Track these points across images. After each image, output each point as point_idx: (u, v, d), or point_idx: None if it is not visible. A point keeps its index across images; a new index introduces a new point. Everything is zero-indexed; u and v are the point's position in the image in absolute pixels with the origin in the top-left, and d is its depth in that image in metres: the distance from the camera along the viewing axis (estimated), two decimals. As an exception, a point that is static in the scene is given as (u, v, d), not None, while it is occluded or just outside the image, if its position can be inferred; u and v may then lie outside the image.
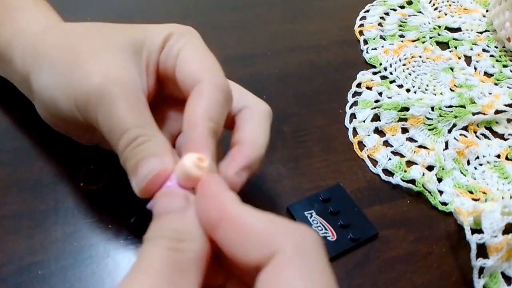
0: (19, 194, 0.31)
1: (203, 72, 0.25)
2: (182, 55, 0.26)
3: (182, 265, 0.18)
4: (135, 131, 0.23)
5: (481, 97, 0.43)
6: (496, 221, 0.29)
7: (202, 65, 0.26)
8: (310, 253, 0.17)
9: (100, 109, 0.24)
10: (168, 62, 0.26)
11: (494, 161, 0.38)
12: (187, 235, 0.19)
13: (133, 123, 0.23)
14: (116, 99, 0.23)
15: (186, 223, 0.20)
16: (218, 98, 0.24)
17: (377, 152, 0.37)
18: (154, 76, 0.27)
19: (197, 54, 0.26)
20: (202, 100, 0.24)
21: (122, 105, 0.23)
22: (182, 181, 0.22)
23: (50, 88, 0.26)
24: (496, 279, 0.30)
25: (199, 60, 0.26)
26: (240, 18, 0.49)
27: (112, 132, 0.23)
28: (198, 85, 0.24)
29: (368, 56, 0.46)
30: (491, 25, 0.52)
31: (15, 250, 0.28)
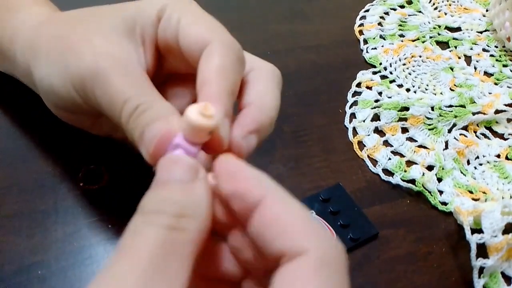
0: (19, 194, 0.31)
1: (210, 33, 0.24)
2: (183, 22, 0.25)
3: (178, 248, 0.16)
4: (135, 100, 0.22)
5: (481, 97, 0.43)
6: (496, 221, 0.29)
7: (207, 27, 0.24)
8: (334, 265, 0.17)
9: (96, 87, 0.23)
10: (168, 33, 0.25)
11: (494, 161, 0.38)
12: (190, 210, 0.17)
13: (131, 93, 0.22)
14: (110, 73, 0.23)
15: (192, 196, 0.18)
16: (231, 57, 0.23)
17: (377, 152, 0.37)
18: (152, 51, 0.26)
19: (199, 18, 0.25)
20: (215, 59, 0.22)
21: (116, 78, 0.23)
22: (191, 136, 0.20)
23: (48, 77, 0.26)
24: (496, 279, 0.30)
25: (203, 23, 0.25)
26: (240, 18, 0.49)
27: (112, 107, 0.23)
28: (208, 46, 0.23)
29: (368, 56, 0.46)
30: (491, 25, 0.52)
31: (15, 250, 0.28)
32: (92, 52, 0.24)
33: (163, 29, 0.25)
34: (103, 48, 0.24)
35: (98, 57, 0.24)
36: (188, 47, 0.24)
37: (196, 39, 0.24)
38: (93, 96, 0.24)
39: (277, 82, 0.26)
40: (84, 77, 0.24)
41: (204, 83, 0.22)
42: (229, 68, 0.23)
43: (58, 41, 0.26)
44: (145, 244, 0.16)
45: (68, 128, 0.31)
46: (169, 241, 0.16)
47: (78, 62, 0.24)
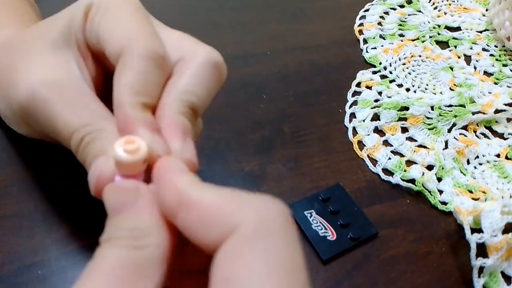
0: (19, 194, 0.31)
1: (125, 40, 0.22)
2: (102, 25, 0.23)
3: (142, 264, 0.16)
4: (80, 132, 0.22)
5: (480, 96, 0.43)
6: (496, 220, 0.29)
7: (123, 33, 0.22)
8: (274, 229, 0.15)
9: (39, 119, 0.23)
10: (92, 38, 0.23)
11: (494, 161, 0.38)
12: (145, 231, 0.17)
13: (75, 123, 0.22)
14: (50, 105, 0.22)
15: (141, 218, 0.18)
16: (146, 67, 0.21)
17: (377, 151, 0.37)
18: (91, 57, 0.24)
19: (119, 20, 0.23)
20: (126, 74, 0.21)
21: (58, 109, 0.22)
22: (120, 172, 0.19)
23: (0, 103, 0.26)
24: (496, 278, 0.30)
25: (121, 27, 0.22)
26: (240, 18, 0.49)
27: (61, 138, 0.22)
28: (121, 57, 0.21)
29: (368, 56, 0.46)
30: (490, 24, 0.52)
31: (15, 250, 0.28)
32: (28, 80, 0.23)
33: (88, 33, 0.23)
34: (40, 75, 0.23)
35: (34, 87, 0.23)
36: (109, 55, 0.22)
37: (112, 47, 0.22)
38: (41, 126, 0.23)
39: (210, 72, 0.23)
40: (25, 109, 0.23)
41: (117, 106, 0.21)
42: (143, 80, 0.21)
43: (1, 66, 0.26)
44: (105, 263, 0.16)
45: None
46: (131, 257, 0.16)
47: (16, 93, 0.23)
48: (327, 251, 0.30)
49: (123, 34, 0.22)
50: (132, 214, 0.18)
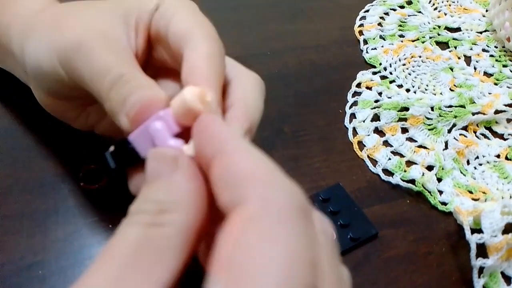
0: (19, 194, 0.31)
1: (197, 26, 0.24)
2: (177, 16, 0.25)
3: (160, 245, 0.16)
4: (119, 70, 0.22)
5: (480, 97, 0.43)
6: (496, 220, 0.29)
7: (195, 22, 0.25)
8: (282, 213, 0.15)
9: (79, 58, 0.23)
10: (161, 24, 0.26)
11: (494, 161, 0.38)
12: (171, 205, 0.17)
13: (114, 63, 0.22)
14: (94, 45, 0.23)
15: (171, 190, 0.17)
16: (215, 48, 0.23)
17: (377, 152, 0.37)
18: (145, 37, 0.26)
19: (191, 15, 0.26)
20: (203, 48, 0.23)
21: (100, 50, 0.23)
22: (180, 115, 0.19)
23: (35, 53, 0.26)
24: (496, 278, 0.30)
25: (193, 19, 0.25)
26: (240, 18, 0.49)
27: (94, 77, 0.22)
28: (193, 37, 0.24)
29: (368, 56, 0.46)
30: (490, 25, 0.52)
31: (15, 250, 0.28)
32: (78, 25, 0.24)
33: (157, 18, 0.26)
34: (90, 23, 0.25)
35: (83, 30, 0.24)
36: (174, 40, 0.25)
37: (183, 32, 0.24)
38: (76, 68, 0.23)
39: (260, 90, 0.25)
40: (68, 48, 0.24)
41: (194, 68, 0.22)
42: (217, 57, 0.23)
43: (50, 19, 0.27)
44: (123, 243, 0.16)
45: (68, 128, 0.31)
46: (148, 237, 0.16)
47: (63, 35, 0.24)
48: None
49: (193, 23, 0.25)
50: (163, 185, 0.17)
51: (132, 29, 0.26)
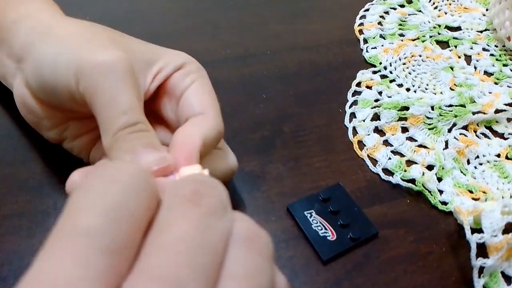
0: (19, 194, 0.31)
1: (210, 108, 0.27)
2: (195, 85, 0.28)
3: None
4: (137, 117, 0.23)
5: (481, 96, 0.43)
6: (496, 220, 0.29)
7: (210, 103, 0.27)
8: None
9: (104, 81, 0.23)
10: (180, 84, 0.28)
11: (494, 161, 0.38)
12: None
13: (136, 107, 0.24)
14: (125, 74, 0.24)
15: None
16: (216, 133, 0.26)
17: (377, 151, 0.37)
18: (157, 85, 0.28)
19: (208, 92, 0.28)
20: (204, 125, 0.26)
21: (128, 83, 0.24)
22: None
23: (56, 54, 0.26)
24: (496, 278, 0.30)
25: (209, 97, 0.28)
26: (240, 18, 0.49)
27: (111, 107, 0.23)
28: (203, 115, 0.26)
29: (368, 55, 0.46)
30: (491, 24, 0.52)
31: (15, 250, 0.28)
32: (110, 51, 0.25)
33: (178, 77, 0.28)
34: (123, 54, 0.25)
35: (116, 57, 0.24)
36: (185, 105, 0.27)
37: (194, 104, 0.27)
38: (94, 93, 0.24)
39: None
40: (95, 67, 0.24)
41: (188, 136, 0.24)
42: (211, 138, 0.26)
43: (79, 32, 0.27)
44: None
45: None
46: None
47: (93, 52, 0.25)
48: (327, 251, 0.30)
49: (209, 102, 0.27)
50: None
51: (151, 76, 0.27)
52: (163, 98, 0.29)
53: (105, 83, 0.23)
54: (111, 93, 0.23)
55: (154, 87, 0.28)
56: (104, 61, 0.24)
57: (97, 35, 0.27)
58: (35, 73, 0.27)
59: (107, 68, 0.24)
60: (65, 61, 0.25)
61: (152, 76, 0.27)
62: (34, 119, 0.30)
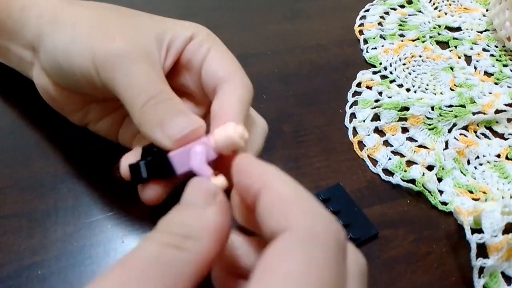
0: (19, 194, 0.31)
1: (234, 71, 0.27)
2: (213, 53, 0.27)
3: (177, 266, 0.16)
4: (157, 88, 0.24)
5: (481, 97, 0.43)
6: (496, 220, 0.29)
7: (232, 65, 0.27)
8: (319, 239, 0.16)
9: (119, 68, 0.24)
10: (196, 55, 0.28)
11: (494, 161, 0.38)
12: (196, 233, 0.18)
13: (155, 79, 0.24)
14: (138, 59, 0.25)
15: (202, 220, 0.18)
16: (248, 93, 0.26)
17: (377, 151, 0.37)
18: (173, 60, 0.28)
19: (226, 56, 0.28)
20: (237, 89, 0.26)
21: (143, 64, 0.25)
22: (222, 146, 0.22)
23: (68, 43, 0.26)
24: (496, 278, 0.30)
25: (229, 61, 0.27)
26: (240, 18, 0.49)
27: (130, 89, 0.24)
28: (230, 81, 0.26)
29: (368, 56, 0.46)
30: (491, 25, 0.52)
31: (15, 250, 0.28)
32: (121, 37, 0.25)
33: (192, 49, 0.28)
34: (133, 36, 0.26)
35: (126, 42, 0.25)
36: (210, 75, 0.27)
37: (219, 71, 0.27)
38: (114, 77, 0.24)
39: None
40: (111, 55, 0.25)
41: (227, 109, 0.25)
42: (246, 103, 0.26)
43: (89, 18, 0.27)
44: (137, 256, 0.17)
45: (68, 127, 0.31)
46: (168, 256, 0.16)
47: (108, 41, 0.25)
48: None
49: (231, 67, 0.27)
50: (196, 213, 0.19)
51: (164, 50, 0.27)
52: (183, 73, 0.29)
53: (122, 69, 0.24)
54: (129, 76, 0.24)
55: (169, 63, 0.27)
56: (117, 49, 0.25)
57: (105, 19, 0.27)
58: (50, 61, 0.28)
59: (121, 56, 0.25)
60: (79, 50, 0.26)
61: (164, 52, 0.27)
62: (57, 105, 0.30)
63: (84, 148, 0.33)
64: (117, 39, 0.25)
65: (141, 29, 0.27)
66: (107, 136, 0.31)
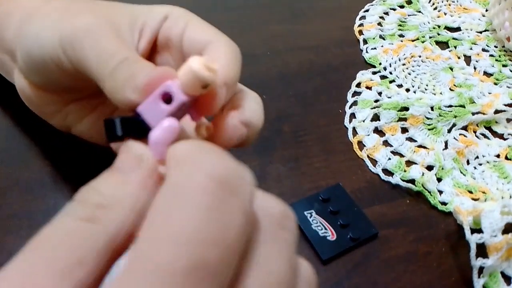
0: (19, 194, 0.31)
1: (217, 35, 0.26)
2: (191, 25, 0.27)
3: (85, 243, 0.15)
4: (126, 53, 0.23)
5: (480, 97, 0.43)
6: (496, 220, 0.29)
7: (213, 32, 0.26)
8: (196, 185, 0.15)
9: (86, 41, 0.24)
10: (173, 31, 0.27)
11: (494, 161, 0.38)
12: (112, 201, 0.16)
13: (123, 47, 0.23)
14: (104, 31, 0.24)
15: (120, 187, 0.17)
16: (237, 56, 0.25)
17: (377, 152, 0.37)
18: (148, 41, 0.27)
19: (205, 26, 0.27)
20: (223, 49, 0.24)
21: (110, 35, 0.24)
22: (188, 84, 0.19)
23: (38, 31, 0.26)
24: (496, 278, 0.30)
25: (209, 29, 0.26)
26: (240, 18, 0.49)
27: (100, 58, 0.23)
28: (214, 44, 0.25)
29: (368, 56, 0.46)
30: (490, 25, 0.52)
31: (15, 250, 0.28)
32: (88, 14, 0.25)
33: (168, 27, 0.27)
34: (100, 14, 0.25)
35: (93, 18, 0.24)
36: (191, 44, 0.26)
37: (201, 38, 0.26)
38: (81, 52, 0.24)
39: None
40: (75, 33, 0.24)
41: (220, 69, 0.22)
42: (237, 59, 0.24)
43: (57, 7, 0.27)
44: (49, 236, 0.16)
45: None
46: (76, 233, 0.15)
47: (74, 20, 0.25)
48: (327, 251, 0.30)
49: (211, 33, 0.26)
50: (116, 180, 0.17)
51: (136, 31, 0.26)
52: (162, 53, 0.28)
53: (89, 42, 0.23)
54: (97, 46, 0.23)
55: (144, 45, 0.27)
56: (84, 24, 0.24)
57: (75, 7, 0.27)
58: (24, 56, 0.27)
59: (88, 30, 0.24)
60: (48, 34, 0.25)
61: (138, 31, 0.26)
62: (36, 108, 0.30)
63: (84, 148, 0.33)
64: (85, 16, 0.25)
65: (112, 12, 0.26)
66: (92, 139, 0.30)
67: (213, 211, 0.14)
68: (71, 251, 0.15)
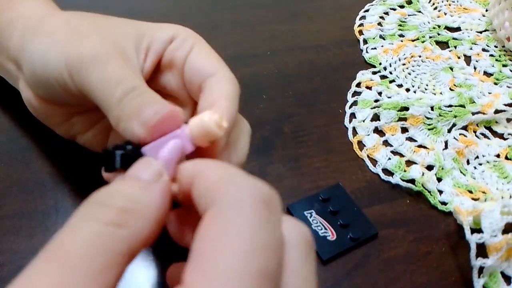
0: (19, 194, 0.31)
1: (218, 66, 0.26)
2: (196, 50, 0.27)
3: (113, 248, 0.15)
4: (133, 82, 0.23)
5: (480, 97, 0.43)
6: (496, 220, 0.29)
7: (215, 62, 0.26)
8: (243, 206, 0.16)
9: (93, 68, 0.24)
10: (178, 53, 0.27)
11: (494, 161, 0.38)
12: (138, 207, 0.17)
13: (130, 76, 0.23)
14: (111, 57, 0.24)
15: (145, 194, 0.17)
16: (235, 90, 0.25)
17: (377, 151, 0.37)
18: (153, 62, 0.27)
19: (210, 53, 0.27)
20: (226, 86, 0.25)
21: (117, 62, 0.24)
22: (197, 136, 0.21)
23: (45, 51, 0.26)
24: (496, 278, 0.30)
25: (213, 58, 0.27)
26: (240, 18, 0.49)
27: (106, 86, 0.23)
28: (214, 76, 0.25)
29: (368, 56, 0.46)
30: (490, 25, 0.52)
31: (15, 250, 0.28)
32: (95, 37, 0.25)
33: (173, 49, 0.27)
34: (107, 37, 0.25)
35: (100, 42, 0.25)
36: (193, 71, 0.26)
37: (203, 67, 0.26)
38: (88, 78, 0.24)
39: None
40: (84, 56, 0.24)
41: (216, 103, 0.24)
42: (236, 98, 0.25)
43: (64, 25, 0.27)
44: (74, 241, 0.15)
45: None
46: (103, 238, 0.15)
47: (81, 43, 0.25)
48: (327, 251, 0.30)
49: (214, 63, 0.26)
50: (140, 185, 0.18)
51: (142, 52, 0.27)
52: (165, 74, 0.28)
53: (96, 69, 0.24)
54: (104, 74, 0.23)
55: (149, 66, 0.27)
56: (90, 49, 0.24)
57: (82, 26, 0.27)
58: (29, 71, 0.27)
59: (95, 56, 0.24)
60: (54, 56, 0.25)
61: (143, 54, 0.27)
62: (42, 117, 0.30)
63: (84, 149, 0.33)
64: (91, 41, 0.25)
65: (118, 33, 0.26)
66: (95, 148, 0.30)
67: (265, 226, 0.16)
68: (99, 255, 0.15)
